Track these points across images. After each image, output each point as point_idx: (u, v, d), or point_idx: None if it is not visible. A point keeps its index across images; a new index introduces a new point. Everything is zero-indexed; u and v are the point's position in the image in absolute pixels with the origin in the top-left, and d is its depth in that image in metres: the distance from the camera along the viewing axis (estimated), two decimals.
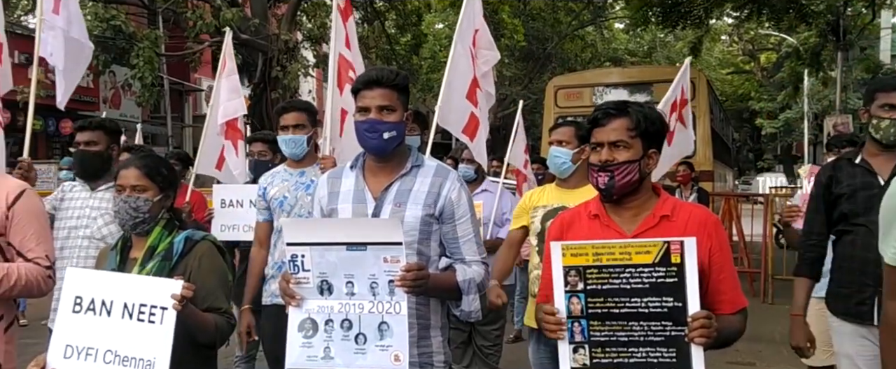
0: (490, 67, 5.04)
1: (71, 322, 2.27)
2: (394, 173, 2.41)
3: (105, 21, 13.34)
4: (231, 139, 5.80)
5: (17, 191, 2.47)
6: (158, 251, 2.44)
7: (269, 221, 3.65)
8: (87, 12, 14.03)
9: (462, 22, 4.64)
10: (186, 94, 21.10)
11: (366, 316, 2.21)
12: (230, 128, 5.77)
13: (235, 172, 5.62)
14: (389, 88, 2.35)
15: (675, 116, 4.51)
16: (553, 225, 2.39)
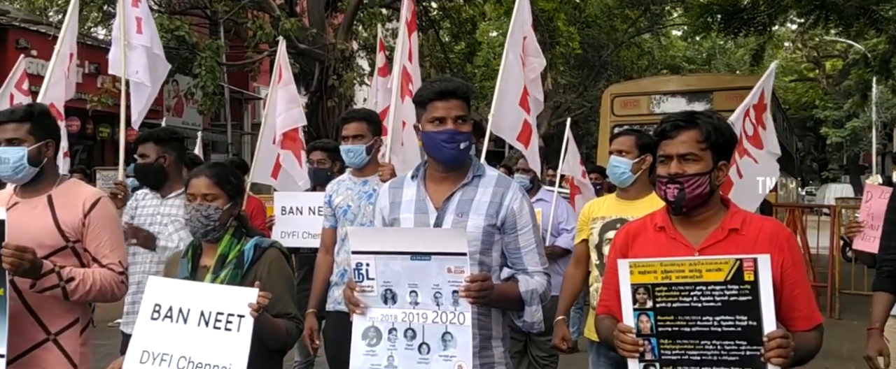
0: (537, 74, 5.03)
1: (149, 328, 2.33)
2: (455, 183, 2.41)
3: (170, 32, 13.76)
4: (292, 149, 5.89)
5: (94, 199, 2.54)
6: (230, 258, 2.49)
7: (335, 228, 3.69)
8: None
9: (513, 30, 4.65)
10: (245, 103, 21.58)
11: (429, 325, 2.21)
12: (288, 139, 5.86)
13: (300, 182, 5.70)
14: (463, 99, 2.37)
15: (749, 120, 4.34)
16: (618, 237, 2.35)
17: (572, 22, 17.74)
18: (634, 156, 3.33)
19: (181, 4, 15.85)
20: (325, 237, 3.75)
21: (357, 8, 15.12)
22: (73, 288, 2.40)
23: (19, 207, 2.52)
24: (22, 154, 2.48)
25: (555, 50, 14.72)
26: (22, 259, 2.24)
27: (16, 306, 2.40)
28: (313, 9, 14.89)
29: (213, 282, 2.44)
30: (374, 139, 3.70)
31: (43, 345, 2.48)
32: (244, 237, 2.57)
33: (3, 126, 2.52)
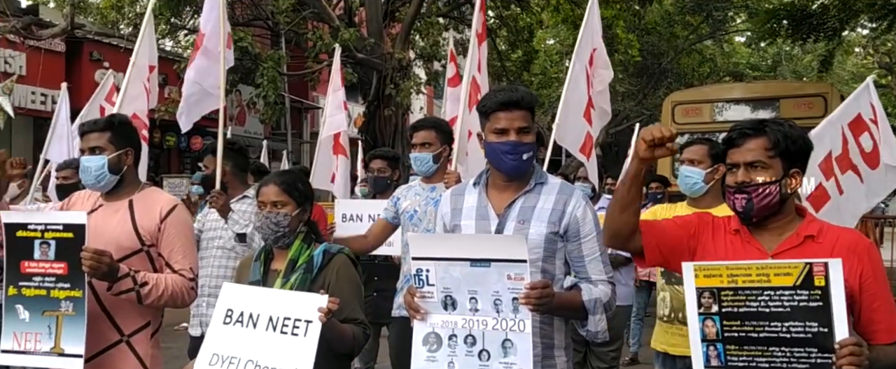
0: (605, 86, 5.00)
1: (220, 332, 2.39)
2: (517, 190, 2.40)
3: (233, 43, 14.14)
4: (336, 154, 6.00)
5: (170, 206, 2.64)
6: (299, 263, 2.54)
7: (388, 222, 3.74)
8: None
9: (581, 41, 4.63)
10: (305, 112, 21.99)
11: (490, 332, 2.21)
12: (334, 144, 5.97)
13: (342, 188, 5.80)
14: (526, 110, 2.36)
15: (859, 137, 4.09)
16: (699, 214, 2.31)
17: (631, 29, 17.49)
18: (707, 166, 3.27)
19: (244, 16, 16.29)
20: (374, 225, 3.81)
21: (414, 18, 15.26)
22: (146, 292, 2.48)
23: (102, 210, 2.64)
24: (103, 162, 2.59)
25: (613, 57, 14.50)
26: (100, 262, 2.32)
27: (93, 308, 2.49)
28: (372, 19, 15.09)
29: (283, 286, 2.50)
30: (442, 147, 3.73)
31: (117, 346, 2.57)
32: (313, 242, 2.62)
33: (86, 135, 2.64)
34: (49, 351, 2.39)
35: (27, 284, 2.42)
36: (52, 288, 2.40)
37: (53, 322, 2.39)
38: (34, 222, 2.43)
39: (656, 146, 2.03)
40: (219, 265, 3.72)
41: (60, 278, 2.39)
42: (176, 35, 15.55)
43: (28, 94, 12.81)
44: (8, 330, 2.45)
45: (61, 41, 13.00)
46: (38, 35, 10.95)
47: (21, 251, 2.42)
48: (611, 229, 2.18)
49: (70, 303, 2.38)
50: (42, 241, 2.40)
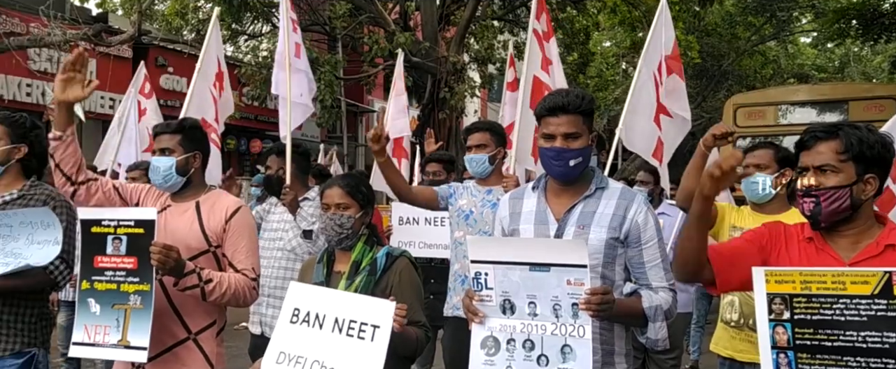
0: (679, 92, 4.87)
1: (287, 331, 2.42)
2: (577, 195, 2.37)
3: None
4: (396, 157, 6.05)
5: (235, 207, 2.70)
6: (363, 266, 2.57)
7: (436, 194, 3.74)
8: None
9: (648, 47, 4.56)
10: (360, 115, 22.26)
11: (548, 337, 2.18)
12: (396, 147, 6.02)
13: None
14: (576, 114, 2.31)
15: None
16: (769, 224, 2.22)
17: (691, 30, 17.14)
18: (773, 171, 3.17)
19: (302, 21, 16.59)
20: (423, 189, 3.83)
21: (469, 21, 15.28)
22: (210, 289, 2.54)
23: (171, 211, 2.72)
24: (171, 163, 2.68)
25: None
26: (168, 257, 2.39)
27: (161, 304, 2.57)
28: (427, 23, 15.19)
29: (347, 288, 2.52)
30: (497, 149, 3.72)
31: (184, 344, 2.64)
32: (376, 245, 2.65)
33: (158, 137, 2.74)
34: (116, 344, 2.47)
35: (99, 278, 2.51)
36: (123, 282, 2.48)
37: (122, 315, 2.47)
38: (107, 218, 2.51)
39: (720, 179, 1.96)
40: (279, 266, 3.79)
41: (130, 272, 2.47)
42: (236, 40, 15.93)
43: (97, 99, 13.33)
44: (79, 323, 2.54)
45: (128, 47, 13.48)
46: (108, 42, 11.38)
47: (95, 246, 2.51)
48: (683, 262, 2.11)
49: (138, 297, 2.46)
50: (114, 237, 2.49)
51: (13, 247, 2.73)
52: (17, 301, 2.84)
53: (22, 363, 2.83)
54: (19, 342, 2.82)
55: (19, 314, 2.84)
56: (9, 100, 12.00)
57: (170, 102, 15.01)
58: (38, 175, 3.05)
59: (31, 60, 12.01)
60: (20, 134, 2.94)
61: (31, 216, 2.73)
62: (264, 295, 3.62)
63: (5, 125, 2.93)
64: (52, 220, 2.71)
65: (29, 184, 2.94)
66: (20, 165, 2.94)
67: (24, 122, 3.00)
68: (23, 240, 2.73)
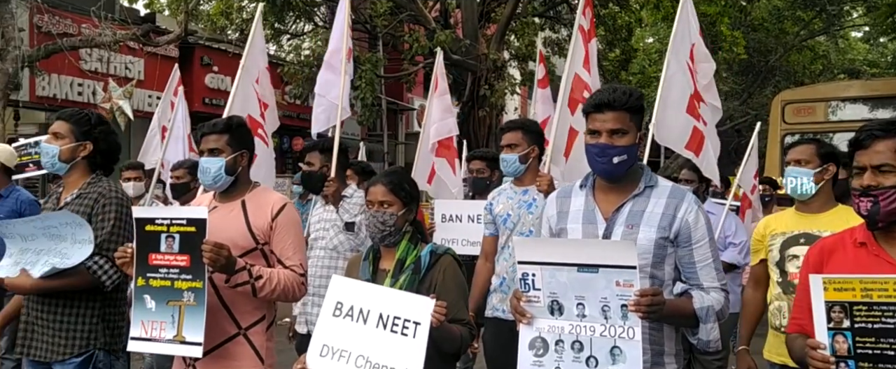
0: (710, 80, 4.82)
1: (330, 324, 2.45)
2: (626, 193, 2.34)
3: None
4: (446, 157, 6.04)
5: (281, 205, 2.73)
6: (407, 264, 2.59)
7: (495, 236, 3.74)
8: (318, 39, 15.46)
9: (675, 38, 4.49)
10: (400, 113, 22.35)
11: (597, 339, 2.17)
12: (442, 147, 6.01)
13: (454, 190, 5.83)
14: (622, 111, 2.28)
15: None
16: (812, 252, 2.18)
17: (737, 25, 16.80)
18: (816, 166, 3.09)
19: None
20: (485, 244, 3.81)
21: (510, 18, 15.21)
22: (260, 285, 2.58)
23: (218, 210, 2.75)
24: (220, 164, 2.71)
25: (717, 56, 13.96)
26: (219, 255, 2.44)
27: (213, 301, 2.62)
28: (467, 20, 15.17)
29: (392, 286, 2.54)
30: (529, 148, 3.69)
31: (234, 339, 2.68)
32: (420, 243, 2.65)
33: (205, 137, 2.77)
34: (172, 339, 2.53)
35: (154, 275, 2.57)
36: (176, 279, 2.53)
37: (176, 311, 2.53)
38: (161, 217, 2.57)
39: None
40: (323, 265, 3.82)
41: (183, 270, 2.52)
42: (279, 40, 16.13)
43: (145, 98, 13.63)
44: (136, 319, 2.60)
45: (175, 47, 13.76)
46: (155, 42, 11.64)
47: (149, 244, 2.57)
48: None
49: (191, 294, 2.51)
50: (167, 235, 2.54)
51: (62, 247, 2.81)
52: (77, 303, 2.88)
53: (80, 362, 2.88)
54: (78, 345, 2.87)
55: (80, 315, 2.89)
56: (61, 99, 12.34)
57: (215, 101, 15.28)
58: (106, 171, 3.10)
59: (83, 60, 12.34)
60: (85, 131, 2.98)
61: (69, 217, 2.79)
62: (309, 294, 3.66)
63: (70, 123, 2.98)
64: (82, 220, 2.76)
65: (87, 182, 2.98)
66: (86, 162, 2.99)
67: (89, 119, 3.03)
68: (69, 240, 2.80)
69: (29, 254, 2.86)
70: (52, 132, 2.98)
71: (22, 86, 10.87)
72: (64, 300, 2.86)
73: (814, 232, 3.01)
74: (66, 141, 2.95)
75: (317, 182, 3.93)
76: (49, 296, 2.85)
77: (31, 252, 2.87)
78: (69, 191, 2.99)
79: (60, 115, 3.03)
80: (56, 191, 3.09)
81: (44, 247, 2.84)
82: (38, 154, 5.84)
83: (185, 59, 14.50)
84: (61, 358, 2.85)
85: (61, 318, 2.87)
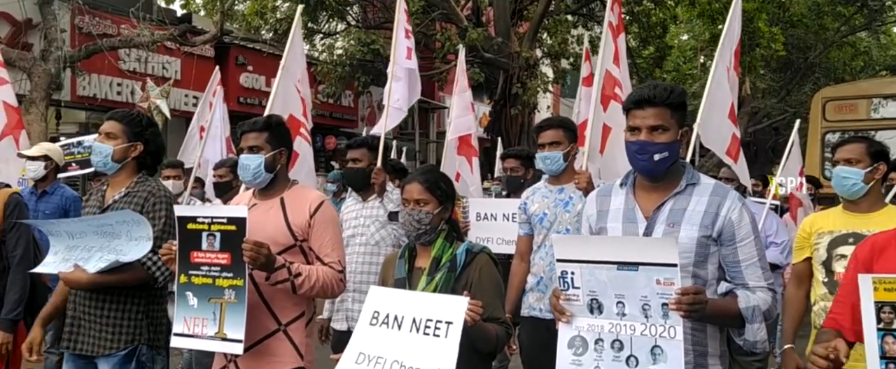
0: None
1: (367, 333, 2.45)
2: (667, 192, 2.31)
3: (366, 45, 14.66)
4: (465, 155, 6.04)
5: (319, 202, 2.75)
6: (443, 262, 2.58)
7: (530, 235, 3.72)
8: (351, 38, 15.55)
9: (724, 40, 4.43)
10: (432, 112, 22.39)
11: (638, 338, 2.14)
12: (463, 144, 6.01)
13: (471, 188, 5.82)
14: (663, 107, 2.24)
15: None
16: (861, 249, 2.12)
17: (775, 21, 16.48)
18: (866, 166, 3.02)
19: (376, 19, 16.82)
20: (520, 244, 3.79)
21: (543, 16, 15.14)
22: (300, 282, 2.60)
23: (258, 208, 2.78)
24: (260, 161, 2.74)
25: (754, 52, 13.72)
26: (259, 253, 2.46)
27: (253, 298, 2.64)
28: (499, 18, 15.14)
29: (428, 284, 2.54)
30: (570, 146, 3.69)
31: (274, 335, 2.70)
32: (456, 241, 2.65)
33: (245, 135, 2.80)
34: (213, 336, 2.56)
35: (196, 273, 2.60)
36: (217, 277, 2.56)
37: (218, 308, 2.56)
38: (202, 215, 2.60)
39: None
40: (361, 261, 3.84)
41: (224, 267, 2.55)
42: (312, 39, 16.28)
43: (182, 97, 13.87)
44: (179, 316, 2.64)
45: (210, 47, 13.96)
46: (192, 42, 11.83)
47: (191, 242, 2.60)
48: None
49: (232, 291, 2.54)
50: (209, 233, 2.57)
51: (116, 244, 2.86)
52: (124, 298, 2.93)
53: (124, 355, 2.92)
54: (124, 339, 2.92)
55: (126, 311, 2.93)
56: (101, 99, 12.61)
57: (249, 100, 15.47)
58: (151, 171, 3.14)
59: (122, 60, 12.59)
60: (137, 132, 3.02)
61: (126, 215, 2.84)
62: (349, 290, 3.67)
63: (123, 123, 3.01)
64: (141, 218, 2.81)
65: (135, 181, 3.02)
66: (135, 163, 3.04)
67: (141, 120, 3.07)
68: (123, 238, 2.85)
69: (78, 251, 2.92)
70: (105, 132, 3.02)
71: (64, 86, 11.13)
72: (111, 295, 2.92)
73: (863, 231, 2.94)
74: (119, 141, 2.99)
75: (364, 178, 3.95)
76: (97, 292, 2.91)
77: (80, 249, 2.92)
78: (115, 190, 3.04)
79: (112, 116, 3.08)
80: (100, 189, 3.14)
81: (95, 244, 2.90)
82: (82, 153, 6.00)
83: (220, 58, 14.72)
84: (107, 351, 2.90)
85: (108, 313, 2.93)
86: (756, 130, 20.49)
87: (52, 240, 3.00)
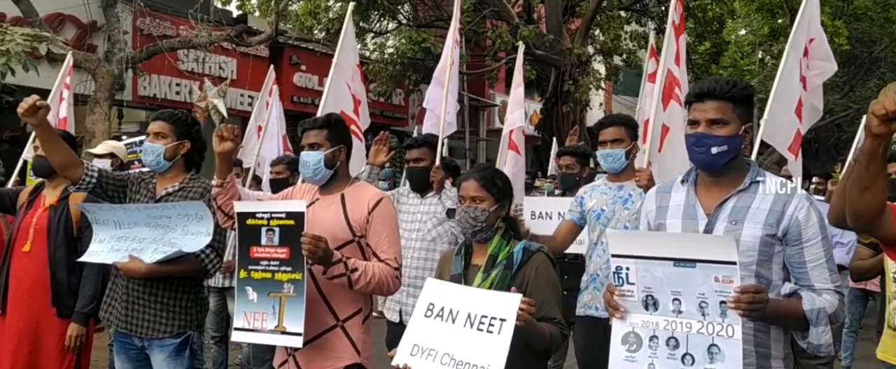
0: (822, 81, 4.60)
1: (421, 325, 2.48)
2: (729, 189, 2.26)
3: (417, 44, 14.74)
4: (512, 149, 6.02)
5: (377, 199, 2.79)
6: (499, 260, 2.58)
7: (574, 223, 3.72)
8: (402, 36, 15.66)
9: (796, 32, 4.30)
10: (482, 109, 22.38)
11: (694, 336, 2.10)
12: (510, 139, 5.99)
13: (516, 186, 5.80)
14: (723, 100, 2.21)
15: None
16: None
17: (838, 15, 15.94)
18: None
19: (427, 17, 16.89)
20: (560, 226, 3.79)
21: (595, 12, 14.96)
22: (356, 277, 2.63)
23: (318, 203, 2.84)
24: (320, 157, 2.80)
25: None
26: (317, 247, 2.50)
27: (312, 293, 2.69)
28: (551, 15, 15.02)
29: (483, 281, 2.54)
30: (632, 144, 3.67)
31: (333, 331, 2.74)
32: (513, 239, 2.64)
33: (306, 132, 2.87)
34: (273, 330, 2.61)
35: (255, 268, 2.65)
36: (277, 271, 2.61)
37: (277, 302, 2.61)
38: (261, 211, 2.65)
39: (892, 120, 1.82)
40: (417, 257, 3.88)
41: (283, 262, 2.60)
42: (363, 38, 16.45)
43: (237, 97, 14.18)
44: (239, 310, 2.70)
45: (265, 47, 14.24)
46: (248, 42, 12.08)
47: (251, 237, 2.66)
48: (853, 211, 2.01)
49: (291, 285, 2.58)
50: (268, 229, 2.62)
51: (171, 236, 2.98)
52: (176, 287, 3.10)
53: (179, 343, 3.10)
54: (177, 324, 3.10)
55: (177, 298, 3.12)
56: (161, 98, 12.99)
57: (302, 99, 15.72)
58: (197, 168, 3.29)
59: (180, 61, 12.94)
60: (183, 130, 3.19)
61: (188, 208, 2.95)
62: (405, 284, 3.70)
63: (170, 123, 3.17)
64: (206, 213, 2.92)
65: (188, 178, 3.20)
66: (183, 160, 3.20)
67: (186, 119, 3.24)
68: (179, 231, 2.96)
69: (128, 242, 3.04)
70: (154, 132, 3.17)
71: (125, 86, 11.50)
72: (164, 283, 3.08)
73: None
74: (168, 140, 3.15)
75: (427, 177, 4.00)
76: (150, 279, 3.06)
77: (130, 240, 3.04)
78: (164, 186, 3.18)
79: (159, 116, 3.23)
80: (149, 181, 3.24)
81: (147, 235, 3.02)
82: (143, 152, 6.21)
83: (274, 58, 15.00)
84: (160, 335, 3.07)
85: (161, 299, 3.09)
86: (818, 127, 19.80)
87: (97, 227, 3.12)
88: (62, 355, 3.48)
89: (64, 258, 3.49)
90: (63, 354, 3.48)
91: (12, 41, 7.02)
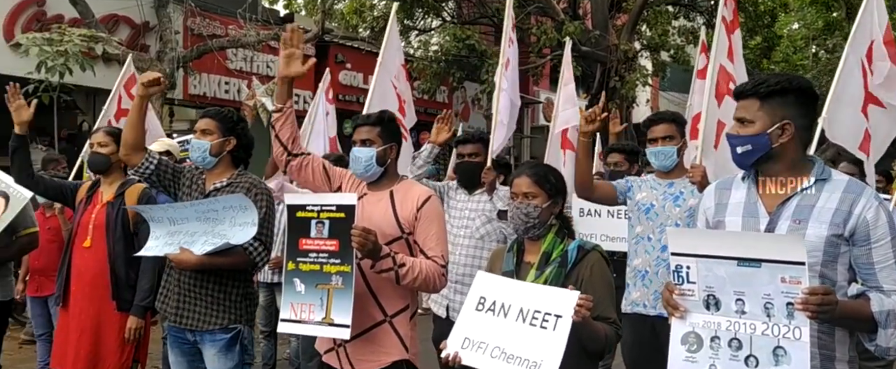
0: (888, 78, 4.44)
1: (472, 317, 2.46)
2: (793, 186, 2.18)
3: (461, 41, 14.72)
4: (566, 148, 5.95)
5: (426, 196, 2.78)
6: (553, 257, 2.54)
7: (614, 188, 3.71)
8: (446, 34, 15.66)
9: (856, 30, 4.20)
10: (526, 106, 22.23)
11: (758, 337, 2.03)
12: (567, 138, 5.92)
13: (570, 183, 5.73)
14: (750, 98, 2.18)
15: None
16: None
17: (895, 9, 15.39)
18: None
19: (471, 14, 16.85)
20: (602, 184, 3.80)
21: (642, 7, 14.72)
22: (404, 273, 2.62)
23: (368, 198, 2.85)
24: (371, 154, 2.81)
25: None
26: (367, 239, 2.50)
27: (360, 287, 2.69)
28: (597, 10, 14.83)
29: (537, 279, 2.50)
30: (682, 141, 3.61)
31: (381, 326, 2.75)
32: (567, 237, 2.60)
33: (359, 128, 2.89)
34: (321, 321, 2.62)
35: (304, 260, 2.67)
36: (325, 263, 2.62)
37: (325, 294, 2.61)
38: (312, 203, 2.67)
39: None
40: (466, 254, 3.87)
41: (332, 254, 2.61)
42: (408, 36, 16.50)
43: None
44: (286, 302, 2.72)
45: (311, 45, 14.39)
46: None
47: (300, 229, 2.68)
48: None
49: (340, 277, 2.59)
50: (317, 221, 2.64)
51: (219, 228, 3.03)
52: (225, 280, 3.16)
53: (230, 338, 3.16)
54: (227, 318, 3.16)
55: (227, 292, 3.17)
56: (210, 97, 13.24)
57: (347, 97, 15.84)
58: (245, 165, 3.34)
59: (229, 60, 13.16)
60: (229, 127, 3.26)
61: (232, 201, 3.01)
62: (452, 281, 3.70)
63: (216, 120, 3.25)
64: (249, 204, 2.96)
65: (237, 173, 3.26)
66: (230, 156, 3.26)
67: (232, 116, 3.30)
68: (227, 223, 3.01)
69: (180, 236, 3.11)
70: (201, 129, 3.25)
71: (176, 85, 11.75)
72: (214, 276, 3.14)
73: None
74: (214, 136, 3.22)
75: (479, 173, 3.98)
76: (201, 272, 3.12)
77: (182, 234, 3.11)
78: (212, 182, 3.23)
79: (206, 113, 3.31)
80: (199, 177, 3.31)
81: (197, 229, 3.08)
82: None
83: (320, 56, 15.07)
84: (211, 327, 3.14)
85: (211, 292, 3.15)
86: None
87: (153, 225, 3.20)
88: (122, 347, 3.58)
89: (122, 253, 3.58)
90: (122, 346, 3.58)
91: (70, 42, 7.23)
